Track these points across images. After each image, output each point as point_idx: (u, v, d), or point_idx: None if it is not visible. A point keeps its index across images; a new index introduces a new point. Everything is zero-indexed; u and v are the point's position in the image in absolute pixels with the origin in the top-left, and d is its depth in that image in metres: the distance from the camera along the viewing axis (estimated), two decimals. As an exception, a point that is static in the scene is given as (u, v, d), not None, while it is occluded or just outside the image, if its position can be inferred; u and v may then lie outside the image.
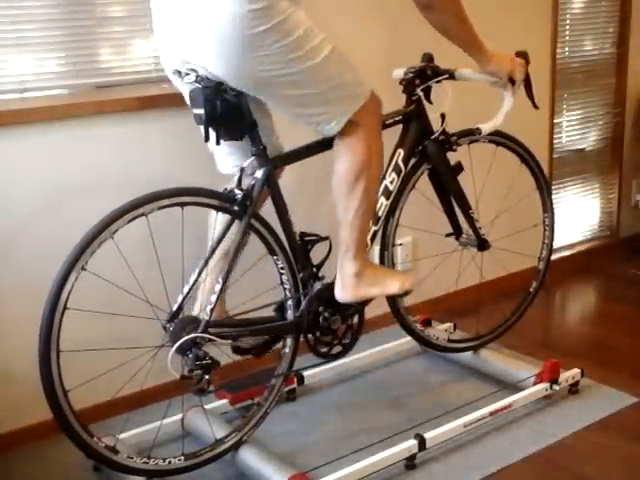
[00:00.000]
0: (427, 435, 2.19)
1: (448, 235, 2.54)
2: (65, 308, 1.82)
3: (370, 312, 2.88)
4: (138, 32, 2.51)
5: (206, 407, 2.37)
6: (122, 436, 2.20)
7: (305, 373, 2.59)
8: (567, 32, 3.61)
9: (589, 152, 3.89)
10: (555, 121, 3.59)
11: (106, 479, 2.17)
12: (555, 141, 3.62)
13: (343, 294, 2.13)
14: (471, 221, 2.52)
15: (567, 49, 3.64)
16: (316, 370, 2.61)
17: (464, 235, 2.54)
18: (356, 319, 2.27)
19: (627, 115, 3.91)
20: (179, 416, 2.34)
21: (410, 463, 2.16)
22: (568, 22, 3.61)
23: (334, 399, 2.59)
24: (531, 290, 2.80)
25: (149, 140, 2.47)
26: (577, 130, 3.81)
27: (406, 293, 2.21)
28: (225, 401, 2.43)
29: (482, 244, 2.54)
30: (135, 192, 1.92)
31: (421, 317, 2.80)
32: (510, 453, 2.23)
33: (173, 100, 2.42)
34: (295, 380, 2.57)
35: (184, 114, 2.33)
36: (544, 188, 2.71)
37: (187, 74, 1.90)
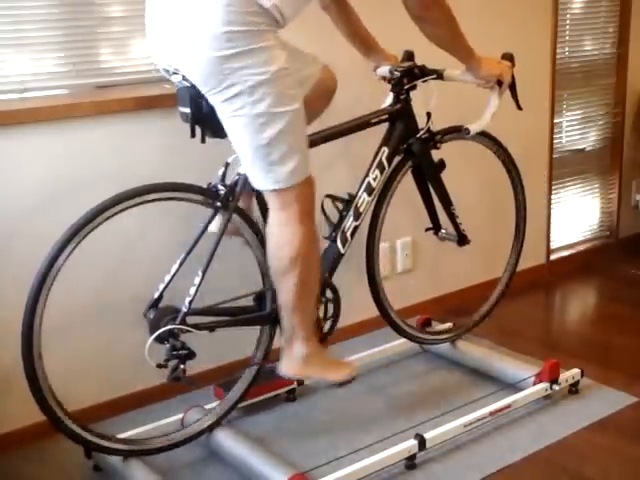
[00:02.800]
0: (427, 435, 2.19)
1: (427, 229, 2.58)
2: (50, 288, 1.89)
3: (370, 312, 2.89)
4: (138, 32, 2.50)
5: (206, 407, 2.37)
6: (122, 436, 2.20)
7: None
8: (567, 32, 3.61)
9: (589, 152, 3.89)
10: (555, 121, 3.59)
11: (106, 479, 2.17)
12: (555, 141, 3.62)
13: (288, 371, 2.14)
14: (452, 217, 2.56)
15: (567, 49, 3.64)
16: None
17: (443, 230, 2.58)
18: (333, 311, 2.31)
19: (627, 115, 3.91)
20: (179, 416, 2.34)
21: (410, 463, 2.16)
22: (568, 22, 3.60)
23: (334, 399, 2.59)
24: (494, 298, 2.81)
25: (148, 140, 2.47)
26: (577, 130, 3.81)
27: (345, 382, 2.22)
28: (225, 401, 2.43)
29: (462, 239, 2.59)
30: (135, 192, 1.94)
31: (421, 317, 2.80)
32: (510, 453, 2.23)
33: (172, 100, 2.41)
34: (295, 380, 2.57)
35: (184, 114, 2.34)
36: (518, 190, 2.74)
37: (175, 73, 1.93)
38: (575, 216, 3.90)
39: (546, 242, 3.64)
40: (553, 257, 3.75)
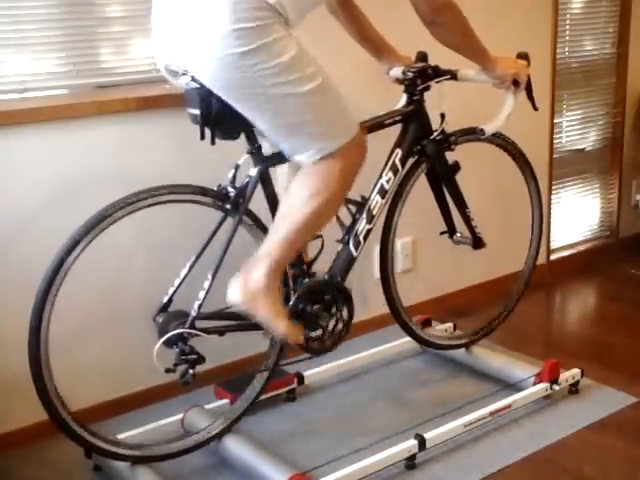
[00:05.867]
0: (427, 435, 2.19)
1: (442, 233, 2.55)
2: (59, 289, 1.85)
3: (370, 312, 2.89)
4: (138, 32, 2.51)
5: (206, 407, 2.37)
6: (122, 436, 2.20)
7: (305, 373, 2.59)
8: (567, 32, 3.61)
9: (589, 152, 3.89)
10: (555, 121, 3.59)
11: (106, 479, 2.17)
12: (555, 141, 3.62)
13: (237, 296, 1.96)
14: (467, 220, 2.53)
15: (567, 49, 3.64)
16: (316, 370, 2.61)
17: (458, 233, 2.55)
18: (345, 315, 2.26)
19: (627, 115, 3.91)
20: (179, 416, 2.34)
21: (410, 463, 2.16)
22: (568, 22, 3.60)
23: (334, 399, 2.59)
24: (515, 295, 2.79)
25: (149, 140, 2.47)
26: (577, 130, 3.81)
27: (281, 342, 2.10)
28: (225, 401, 2.43)
29: (477, 242, 2.56)
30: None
31: (421, 317, 2.80)
32: (510, 453, 2.23)
33: (173, 100, 2.43)
34: (295, 380, 2.57)
35: (183, 114, 2.33)
36: (533, 190, 2.72)
37: (183, 74, 1.91)
38: (575, 216, 3.90)
39: (546, 242, 3.64)
40: (553, 257, 3.75)
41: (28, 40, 2.33)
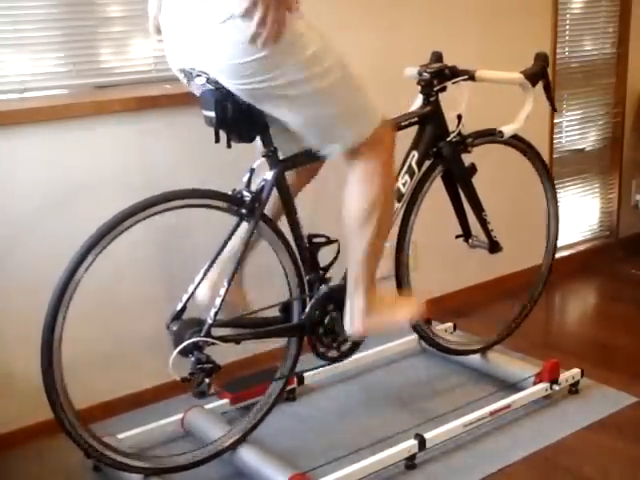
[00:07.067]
0: (427, 435, 2.18)
1: (458, 237, 2.52)
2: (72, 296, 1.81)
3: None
4: (138, 32, 2.50)
5: (206, 407, 2.37)
6: (122, 436, 2.20)
7: (305, 373, 2.59)
8: (567, 32, 3.61)
9: (589, 152, 3.89)
10: (555, 121, 3.59)
11: (106, 479, 2.17)
12: (555, 141, 3.62)
13: (354, 329, 2.11)
14: (484, 223, 2.50)
15: (567, 49, 3.64)
16: (316, 370, 2.61)
17: (474, 237, 2.53)
18: None
19: (627, 115, 3.91)
20: (179, 416, 2.34)
21: (410, 463, 2.16)
22: (568, 22, 3.60)
23: (334, 399, 2.59)
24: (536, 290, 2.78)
25: (149, 140, 2.47)
26: (577, 130, 3.81)
27: (414, 321, 2.17)
28: (226, 401, 2.43)
29: (494, 247, 2.53)
30: (135, 192, 1.93)
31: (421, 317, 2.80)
32: (510, 453, 2.23)
33: (173, 100, 2.43)
34: (295, 380, 2.57)
35: (184, 114, 2.34)
36: (549, 190, 2.70)
37: (198, 76, 1.87)
38: (575, 216, 3.90)
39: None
40: (553, 257, 3.75)
41: (27, 40, 2.33)
